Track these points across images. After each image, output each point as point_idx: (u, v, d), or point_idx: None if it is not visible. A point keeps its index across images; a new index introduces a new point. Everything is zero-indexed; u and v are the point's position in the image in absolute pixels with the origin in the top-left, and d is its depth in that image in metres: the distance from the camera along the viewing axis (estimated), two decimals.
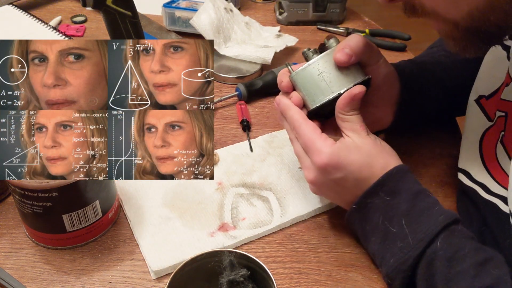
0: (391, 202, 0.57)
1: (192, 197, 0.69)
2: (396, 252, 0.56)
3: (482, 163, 0.65)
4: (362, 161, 0.59)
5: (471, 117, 0.68)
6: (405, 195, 0.57)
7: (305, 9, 1.12)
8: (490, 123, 0.65)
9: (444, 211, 0.56)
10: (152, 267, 0.59)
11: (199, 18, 0.96)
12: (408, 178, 0.59)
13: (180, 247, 0.62)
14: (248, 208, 0.67)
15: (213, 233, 0.64)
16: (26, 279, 0.59)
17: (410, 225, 0.56)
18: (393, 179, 0.58)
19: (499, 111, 0.63)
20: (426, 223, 0.55)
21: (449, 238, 0.54)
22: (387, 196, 0.58)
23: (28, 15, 1.10)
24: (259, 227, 0.65)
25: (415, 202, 0.57)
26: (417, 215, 0.56)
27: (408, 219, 0.56)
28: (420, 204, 0.57)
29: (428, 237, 0.54)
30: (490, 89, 0.66)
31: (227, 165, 0.74)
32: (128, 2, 0.83)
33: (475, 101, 0.68)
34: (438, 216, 0.55)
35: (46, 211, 0.59)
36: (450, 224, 0.55)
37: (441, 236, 0.54)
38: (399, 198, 0.57)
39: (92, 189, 0.60)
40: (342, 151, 0.59)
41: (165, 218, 0.66)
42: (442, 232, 0.54)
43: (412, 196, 0.57)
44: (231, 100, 0.89)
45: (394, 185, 0.58)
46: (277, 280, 0.58)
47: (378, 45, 1.06)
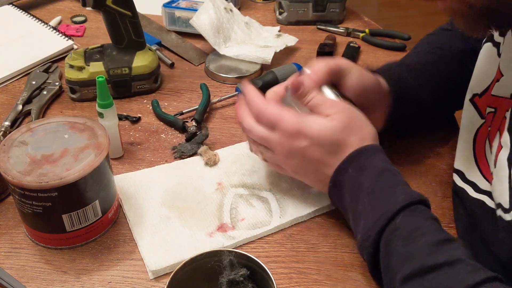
0: (358, 178, 0.58)
1: (191, 197, 0.69)
2: (360, 230, 0.57)
3: (475, 161, 0.65)
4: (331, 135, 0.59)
5: (466, 117, 0.68)
6: (370, 171, 0.58)
7: (305, 9, 1.12)
8: (482, 121, 0.65)
9: (407, 191, 0.56)
10: (150, 267, 0.59)
11: (199, 18, 0.96)
12: (378, 156, 0.59)
13: (178, 247, 0.62)
14: (247, 209, 0.67)
15: (212, 233, 0.64)
16: (26, 279, 0.59)
17: (372, 203, 0.56)
18: (362, 155, 0.59)
19: (490, 107, 0.63)
20: (386, 202, 0.55)
21: (408, 217, 0.54)
22: (355, 172, 0.58)
23: (28, 15, 1.10)
24: (258, 227, 0.65)
25: (379, 179, 0.57)
26: (378, 192, 0.56)
27: (371, 197, 0.56)
28: (384, 181, 0.57)
29: (386, 215, 0.54)
30: (482, 86, 0.66)
31: (227, 166, 0.74)
32: (128, 2, 0.83)
33: (470, 100, 0.68)
34: (399, 195, 0.55)
35: (46, 211, 0.59)
36: (411, 204, 0.54)
37: (401, 215, 0.54)
38: (365, 174, 0.58)
39: (92, 189, 0.60)
40: (311, 122, 0.60)
41: (164, 218, 0.66)
42: (401, 211, 0.54)
43: (377, 173, 0.57)
44: (231, 100, 0.89)
45: (363, 162, 0.58)
46: (277, 280, 0.58)
47: (378, 45, 1.06)
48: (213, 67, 0.95)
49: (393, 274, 0.52)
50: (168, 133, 0.81)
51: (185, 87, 0.92)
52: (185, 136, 0.79)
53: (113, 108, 0.72)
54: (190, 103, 0.88)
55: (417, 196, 0.56)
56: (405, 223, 0.53)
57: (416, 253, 0.51)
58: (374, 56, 1.03)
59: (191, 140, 0.78)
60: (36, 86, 0.87)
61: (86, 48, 0.89)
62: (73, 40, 1.03)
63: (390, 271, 0.53)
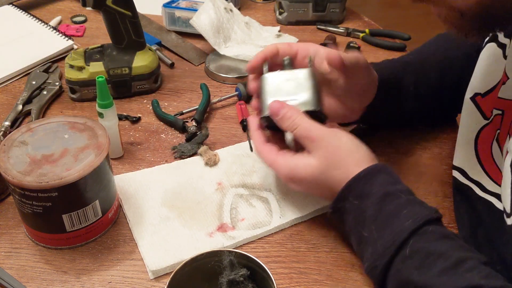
0: (360, 206, 0.57)
1: (191, 197, 0.69)
2: (368, 257, 0.56)
3: (478, 161, 0.65)
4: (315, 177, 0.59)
5: (467, 115, 0.68)
6: (372, 198, 0.56)
7: (305, 9, 1.12)
8: (486, 121, 0.65)
9: (413, 214, 0.54)
10: (150, 267, 0.59)
11: (199, 18, 0.96)
12: (378, 179, 0.58)
13: (178, 247, 0.62)
14: (247, 209, 0.67)
15: (212, 233, 0.64)
16: (26, 279, 0.59)
17: (378, 230, 0.55)
18: (360, 183, 0.57)
19: (496, 109, 0.63)
20: (393, 229, 0.54)
21: (418, 243, 0.52)
22: (355, 200, 0.57)
23: (28, 15, 1.10)
24: (258, 228, 0.65)
25: (382, 206, 0.56)
26: (384, 219, 0.55)
27: (376, 224, 0.55)
28: (387, 207, 0.55)
29: (395, 244, 0.53)
30: (486, 87, 0.66)
31: (227, 166, 0.74)
32: (128, 2, 0.83)
33: (471, 99, 0.67)
34: (405, 221, 0.54)
35: (46, 211, 0.59)
36: (418, 229, 0.53)
37: (411, 242, 0.52)
38: (366, 201, 0.56)
39: (92, 189, 0.60)
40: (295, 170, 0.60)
41: (164, 218, 0.66)
42: (411, 237, 0.53)
43: (379, 200, 0.56)
44: (231, 100, 0.89)
45: (361, 189, 0.57)
46: (277, 280, 0.58)
47: (378, 45, 1.06)
48: (213, 67, 0.95)
49: None
50: (168, 133, 0.81)
51: (185, 87, 0.92)
52: (185, 136, 0.79)
53: (113, 108, 0.72)
54: (190, 103, 0.88)
55: (423, 217, 0.54)
56: (416, 251, 0.52)
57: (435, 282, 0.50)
58: (374, 56, 1.03)
59: (191, 140, 0.78)
60: (36, 86, 0.87)
61: (86, 48, 0.89)
62: (73, 40, 1.03)
63: None
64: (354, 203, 0.57)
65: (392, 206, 0.56)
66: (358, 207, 0.57)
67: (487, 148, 0.64)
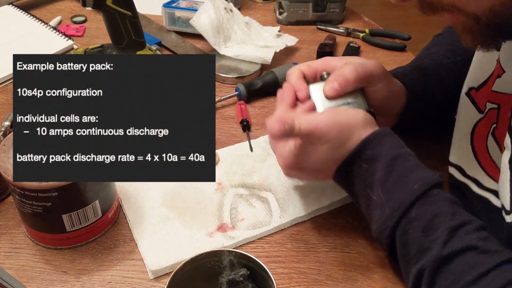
0: (369, 168, 0.57)
1: (191, 197, 0.69)
2: (376, 219, 0.56)
3: (475, 157, 0.64)
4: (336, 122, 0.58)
5: (462, 110, 0.68)
6: (382, 161, 0.57)
7: (305, 9, 1.12)
8: (481, 115, 0.65)
9: (421, 176, 0.55)
10: (150, 267, 0.59)
11: (199, 18, 0.96)
12: (386, 142, 0.58)
13: (178, 247, 0.62)
14: (247, 209, 0.67)
15: (212, 233, 0.64)
16: (26, 279, 0.59)
17: (387, 193, 0.55)
18: (370, 146, 0.58)
19: (490, 103, 0.63)
20: (401, 192, 0.55)
21: (424, 205, 0.53)
22: (365, 163, 0.57)
23: (28, 15, 1.10)
24: (258, 228, 0.65)
25: (392, 168, 0.56)
26: (393, 182, 0.56)
27: (385, 187, 0.56)
28: (397, 170, 0.56)
29: (403, 206, 0.54)
30: (479, 80, 0.66)
31: (227, 166, 0.74)
32: (128, 2, 0.83)
33: (466, 94, 0.67)
34: (414, 184, 0.54)
35: (45, 211, 0.59)
36: (426, 192, 0.54)
37: (416, 204, 0.53)
38: (376, 164, 0.57)
39: (91, 189, 0.60)
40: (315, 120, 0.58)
41: (164, 218, 0.66)
42: (417, 200, 0.54)
43: (389, 162, 0.56)
44: (231, 100, 0.89)
45: (371, 152, 0.57)
46: (277, 280, 0.58)
47: (378, 45, 1.06)
48: None
49: (411, 264, 0.53)
50: None
51: None
52: None
53: None
54: None
55: (431, 180, 0.55)
56: (422, 213, 0.53)
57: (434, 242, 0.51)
58: (374, 56, 1.03)
59: None
60: None
61: (86, 48, 0.89)
62: (73, 40, 1.03)
63: (407, 260, 0.54)
64: (363, 166, 0.57)
65: (401, 168, 0.56)
66: (367, 170, 0.57)
67: (482, 142, 0.64)
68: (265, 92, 0.90)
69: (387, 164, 0.56)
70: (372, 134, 0.58)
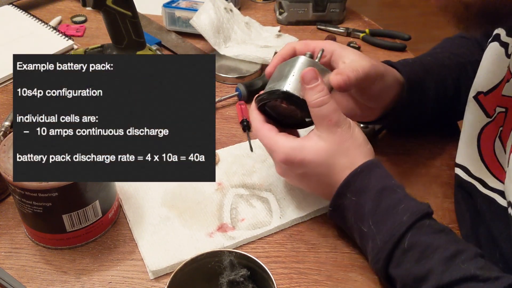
0: (358, 201, 0.57)
1: (191, 197, 0.69)
2: (369, 252, 0.57)
3: (481, 158, 0.65)
4: (321, 161, 0.59)
5: (470, 114, 0.68)
6: (370, 193, 0.57)
7: (305, 9, 1.12)
8: (489, 119, 0.65)
9: (410, 208, 0.55)
10: (150, 267, 0.59)
11: (199, 18, 0.96)
12: (374, 174, 0.58)
13: (178, 248, 0.62)
14: (247, 209, 0.67)
15: (212, 233, 0.64)
16: (26, 279, 0.59)
17: (377, 225, 0.56)
18: (358, 179, 0.58)
19: (500, 107, 0.63)
20: (391, 223, 0.55)
21: (416, 236, 0.53)
22: (353, 196, 0.58)
23: (28, 15, 1.10)
24: (258, 228, 0.65)
25: (380, 200, 0.56)
26: (382, 214, 0.56)
27: (375, 218, 0.56)
28: (385, 202, 0.56)
29: (393, 238, 0.54)
30: (488, 85, 0.66)
31: (227, 166, 0.74)
32: (128, 2, 0.83)
33: (474, 97, 0.68)
34: (403, 215, 0.54)
35: (46, 211, 0.59)
36: (416, 222, 0.54)
37: (408, 236, 0.53)
38: (364, 197, 0.57)
39: (92, 189, 0.60)
40: (298, 151, 0.59)
41: (164, 218, 0.66)
42: (408, 231, 0.54)
43: (376, 194, 0.57)
44: (231, 100, 0.89)
45: (359, 184, 0.58)
46: (277, 280, 0.58)
47: (378, 45, 1.06)
48: None
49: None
50: None
51: None
52: None
53: None
54: None
55: (420, 211, 0.55)
56: (414, 243, 0.53)
57: (431, 272, 0.51)
58: (374, 56, 1.03)
59: None
60: None
61: (86, 48, 0.89)
62: (73, 40, 1.03)
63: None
64: (352, 200, 0.58)
65: (389, 200, 0.56)
66: (356, 203, 0.57)
67: (490, 145, 0.64)
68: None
69: (375, 196, 0.57)
70: (360, 166, 0.58)
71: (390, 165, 0.75)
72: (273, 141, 0.61)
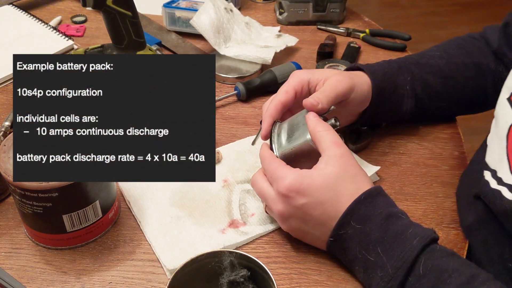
0: (363, 229, 0.56)
1: (199, 196, 0.69)
2: (378, 281, 0.54)
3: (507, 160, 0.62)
4: (330, 186, 0.57)
5: (501, 114, 0.65)
6: (376, 221, 0.56)
7: (305, 9, 1.12)
8: None
9: (418, 233, 0.54)
10: (168, 266, 0.59)
11: (199, 18, 0.96)
12: (378, 201, 0.57)
13: (193, 245, 0.62)
14: (256, 204, 0.68)
15: (224, 229, 0.64)
16: (26, 279, 0.59)
17: (386, 252, 0.54)
18: (362, 206, 0.56)
19: None
20: (401, 249, 0.53)
21: (429, 261, 0.52)
22: (358, 224, 0.56)
23: (28, 15, 1.10)
24: (269, 222, 0.65)
25: (387, 227, 0.55)
26: (391, 240, 0.54)
27: (383, 246, 0.54)
28: (393, 228, 0.55)
29: (406, 263, 0.52)
30: None
31: (231, 163, 0.74)
32: (128, 2, 0.83)
33: (507, 99, 0.65)
34: (413, 239, 0.53)
35: (46, 211, 0.59)
36: (427, 245, 0.53)
37: (422, 261, 0.52)
38: (370, 225, 0.56)
39: (92, 189, 0.60)
40: (305, 177, 0.58)
41: (175, 217, 0.66)
42: (421, 256, 0.52)
43: (383, 221, 0.55)
44: (231, 100, 0.89)
45: (363, 212, 0.56)
46: (278, 280, 0.58)
47: (379, 45, 1.06)
48: None
49: None
50: None
51: None
52: None
53: None
54: None
55: (428, 235, 0.54)
56: (429, 269, 0.52)
57: None
58: (374, 56, 1.03)
59: None
60: None
61: (86, 48, 0.89)
62: (73, 40, 1.03)
63: None
64: (357, 228, 0.56)
65: (396, 226, 0.55)
66: (361, 231, 0.56)
67: None
68: (264, 91, 0.90)
69: (382, 223, 0.55)
70: (363, 194, 0.57)
71: (390, 165, 0.75)
72: (280, 168, 0.60)
